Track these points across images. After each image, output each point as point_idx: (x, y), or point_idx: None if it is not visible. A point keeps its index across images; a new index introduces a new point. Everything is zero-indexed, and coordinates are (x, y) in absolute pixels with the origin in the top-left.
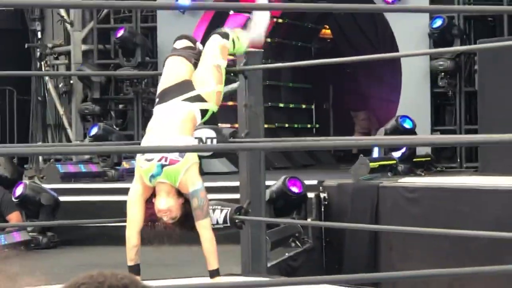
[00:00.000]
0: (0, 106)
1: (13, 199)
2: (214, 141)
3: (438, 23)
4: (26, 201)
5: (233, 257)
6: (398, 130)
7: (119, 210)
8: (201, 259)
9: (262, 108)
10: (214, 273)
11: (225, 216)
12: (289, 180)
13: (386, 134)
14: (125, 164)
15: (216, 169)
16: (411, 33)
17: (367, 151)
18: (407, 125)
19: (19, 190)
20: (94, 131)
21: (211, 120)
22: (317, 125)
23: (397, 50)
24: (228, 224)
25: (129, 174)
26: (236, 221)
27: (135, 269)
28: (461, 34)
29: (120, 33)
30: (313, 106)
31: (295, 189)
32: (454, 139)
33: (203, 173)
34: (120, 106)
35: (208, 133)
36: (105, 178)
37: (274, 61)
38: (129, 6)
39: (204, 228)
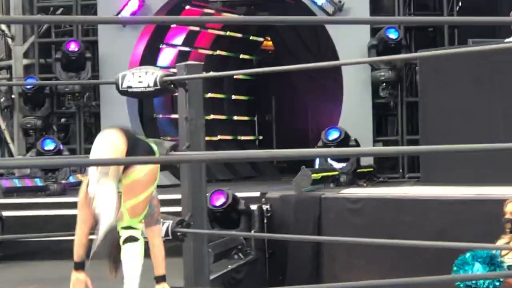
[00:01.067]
0: None
1: None
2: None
3: (394, 34)
4: None
5: (176, 269)
6: (325, 143)
7: (62, 224)
8: (147, 272)
9: (203, 120)
10: (161, 279)
11: (167, 229)
12: (212, 194)
13: (319, 146)
14: (80, 177)
15: (158, 182)
16: (352, 45)
17: (310, 163)
18: (332, 136)
19: None
20: (50, 146)
21: (152, 134)
22: (260, 137)
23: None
24: (170, 237)
25: (72, 189)
26: (178, 233)
27: (82, 265)
28: (408, 46)
29: (73, 46)
30: (255, 118)
31: (218, 202)
32: (398, 149)
33: None
34: (62, 120)
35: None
36: (47, 193)
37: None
38: (70, 21)
39: (154, 235)
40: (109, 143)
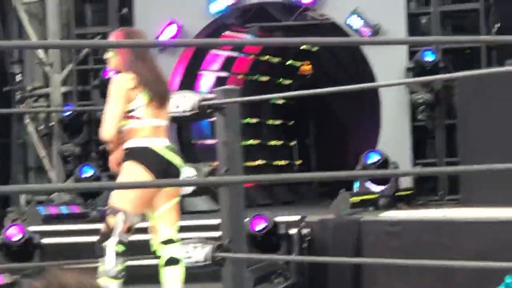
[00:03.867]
0: None
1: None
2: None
3: (431, 57)
4: (27, 245)
5: None
6: (365, 166)
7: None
8: None
9: (240, 145)
10: None
11: (206, 254)
12: (252, 219)
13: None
14: None
15: (198, 208)
16: (389, 68)
17: (350, 186)
18: (371, 160)
19: (18, 235)
20: (88, 173)
21: (191, 159)
22: (298, 162)
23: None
24: (209, 262)
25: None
26: (217, 258)
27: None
28: (446, 68)
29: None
30: (294, 143)
31: (259, 227)
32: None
33: (184, 211)
34: (101, 147)
35: (188, 171)
36: (87, 219)
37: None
38: (109, 45)
39: None
40: None
